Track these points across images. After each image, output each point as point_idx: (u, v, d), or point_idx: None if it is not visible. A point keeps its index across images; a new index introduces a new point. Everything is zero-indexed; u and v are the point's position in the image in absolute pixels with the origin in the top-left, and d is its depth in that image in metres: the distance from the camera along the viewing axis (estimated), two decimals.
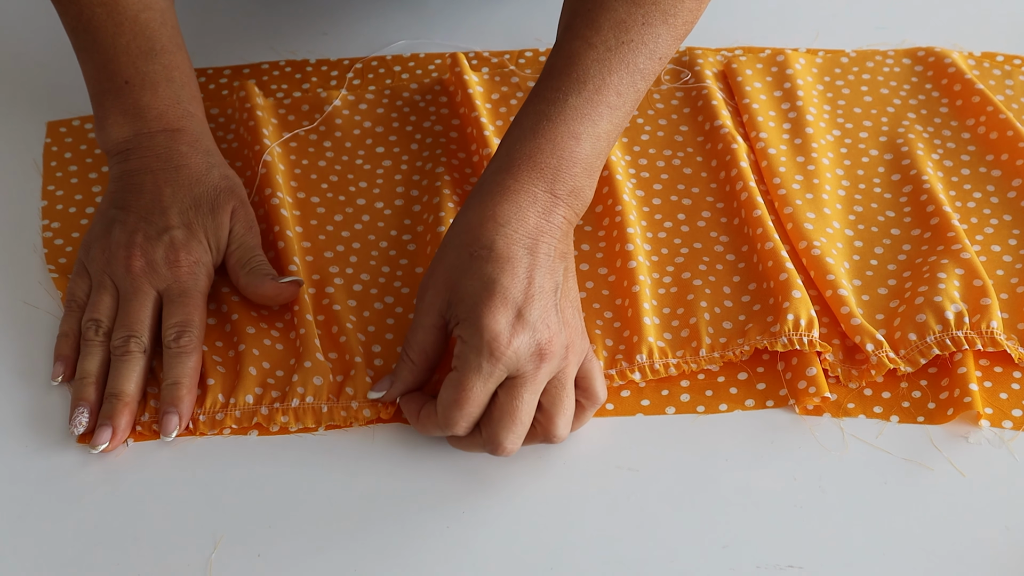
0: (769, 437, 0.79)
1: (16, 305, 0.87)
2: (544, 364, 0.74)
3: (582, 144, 0.78)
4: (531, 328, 0.74)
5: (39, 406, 0.81)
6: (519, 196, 0.77)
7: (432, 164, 0.94)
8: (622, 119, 0.80)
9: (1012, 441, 0.79)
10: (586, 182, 0.79)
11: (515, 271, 0.75)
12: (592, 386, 0.78)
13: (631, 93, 0.80)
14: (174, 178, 0.85)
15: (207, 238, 0.84)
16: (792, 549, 0.74)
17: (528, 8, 1.08)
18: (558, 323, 0.75)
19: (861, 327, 0.82)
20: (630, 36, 0.79)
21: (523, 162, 0.78)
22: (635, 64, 0.79)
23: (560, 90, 0.79)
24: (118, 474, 0.78)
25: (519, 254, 0.76)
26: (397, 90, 1.00)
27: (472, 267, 0.76)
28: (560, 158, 0.78)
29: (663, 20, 0.79)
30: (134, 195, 0.84)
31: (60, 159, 0.96)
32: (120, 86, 0.86)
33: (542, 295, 0.75)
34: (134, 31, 0.86)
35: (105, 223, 0.84)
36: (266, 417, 0.80)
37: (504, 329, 0.74)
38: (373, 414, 0.80)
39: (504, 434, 0.75)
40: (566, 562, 0.74)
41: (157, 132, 0.86)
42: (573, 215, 0.79)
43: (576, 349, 0.77)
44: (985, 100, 0.96)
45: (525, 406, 0.75)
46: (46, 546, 0.75)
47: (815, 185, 0.91)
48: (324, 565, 0.74)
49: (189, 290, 0.82)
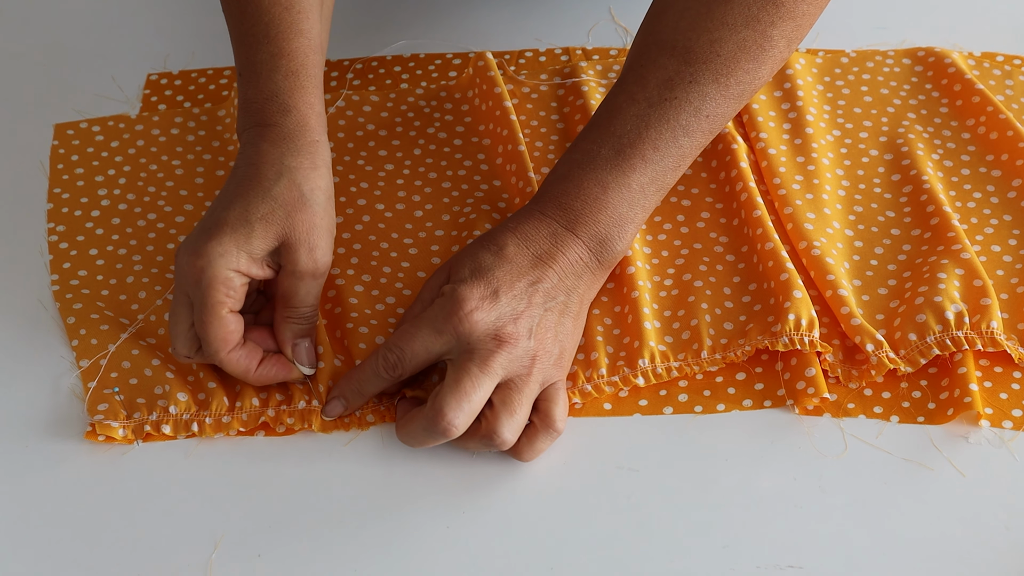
0: (769, 437, 0.79)
1: (19, 307, 0.87)
2: (501, 351, 0.75)
3: (609, 193, 0.79)
4: (498, 313, 0.75)
5: (40, 406, 0.81)
6: (541, 224, 0.79)
7: (436, 172, 0.94)
8: (660, 174, 0.80)
9: (1012, 441, 0.79)
10: (614, 232, 0.80)
11: (512, 271, 0.77)
12: (550, 408, 0.77)
13: (672, 149, 0.80)
14: (239, 179, 0.80)
15: (237, 244, 0.77)
16: (792, 549, 0.74)
17: (528, 8, 1.08)
18: (533, 330, 0.76)
19: (861, 327, 0.82)
20: (674, 93, 0.80)
21: (550, 200, 0.80)
22: (677, 120, 0.80)
23: (596, 141, 0.80)
24: (118, 474, 0.78)
25: (523, 261, 0.78)
26: (402, 94, 1.00)
27: (477, 255, 0.78)
28: (584, 202, 0.79)
29: (714, 80, 0.80)
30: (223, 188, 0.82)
31: (67, 162, 0.96)
32: (238, 77, 0.84)
33: (527, 299, 0.77)
34: (255, 16, 0.83)
35: None
36: (273, 419, 0.80)
37: (472, 298, 0.75)
38: (377, 417, 0.80)
39: (444, 402, 0.74)
40: (566, 562, 0.74)
41: (251, 128, 0.82)
42: (594, 261, 0.80)
43: (542, 365, 0.77)
44: (985, 100, 0.96)
45: (472, 382, 0.74)
46: (46, 546, 0.75)
47: (815, 185, 0.91)
48: (324, 565, 0.74)
49: (197, 301, 0.77)
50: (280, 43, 0.82)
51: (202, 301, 0.77)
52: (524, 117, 0.97)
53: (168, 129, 0.98)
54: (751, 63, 0.80)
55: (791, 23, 0.80)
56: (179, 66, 1.04)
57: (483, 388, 0.75)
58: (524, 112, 0.98)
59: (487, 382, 0.75)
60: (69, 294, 0.87)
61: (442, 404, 0.74)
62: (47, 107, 1.00)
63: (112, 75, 1.03)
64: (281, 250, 0.79)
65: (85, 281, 0.88)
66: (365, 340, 0.83)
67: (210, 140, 0.97)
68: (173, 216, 0.92)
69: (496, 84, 0.96)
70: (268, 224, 0.78)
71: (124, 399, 0.80)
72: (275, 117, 0.81)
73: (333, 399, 0.79)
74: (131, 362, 0.82)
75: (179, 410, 0.80)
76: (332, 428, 0.80)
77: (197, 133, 0.98)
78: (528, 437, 0.77)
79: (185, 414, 0.80)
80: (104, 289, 0.87)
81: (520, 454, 0.77)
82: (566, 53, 1.04)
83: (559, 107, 0.98)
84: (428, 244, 0.90)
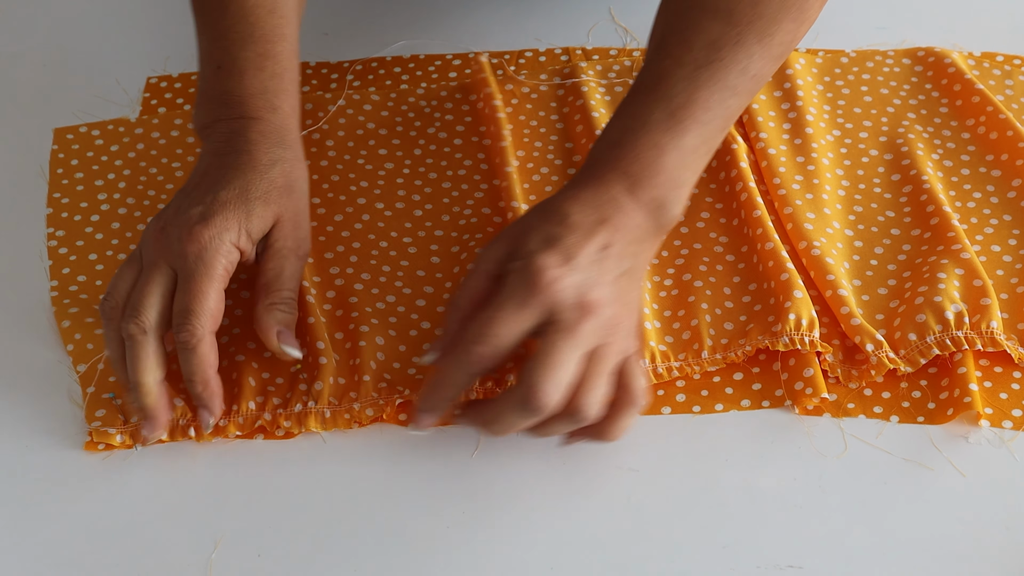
0: (769, 437, 0.79)
1: (19, 310, 0.87)
2: (586, 320, 0.73)
3: (666, 155, 0.78)
4: (580, 280, 0.74)
5: (40, 407, 0.81)
6: (599, 191, 0.78)
7: (436, 172, 0.94)
8: (711, 135, 0.80)
9: (1012, 441, 0.79)
10: (671, 194, 0.79)
11: (581, 238, 0.75)
12: (631, 382, 0.76)
13: (721, 110, 0.80)
14: (231, 162, 0.81)
15: (239, 220, 0.79)
16: (792, 549, 0.74)
17: (528, 8, 1.08)
18: (611, 295, 0.75)
19: (861, 327, 0.82)
20: (721, 55, 0.79)
21: (605, 165, 0.78)
22: (726, 81, 0.79)
23: (646, 104, 0.79)
24: (118, 474, 0.78)
25: (589, 229, 0.76)
26: (403, 94, 1.00)
27: (541, 227, 0.76)
28: (642, 166, 0.78)
29: (758, 40, 0.80)
30: (196, 175, 0.82)
31: (67, 166, 0.96)
32: (214, 71, 0.85)
33: (601, 266, 0.75)
34: (239, 15, 0.85)
35: (169, 204, 0.82)
36: (270, 422, 0.80)
37: (552, 266, 0.73)
38: (376, 413, 0.80)
39: (539, 378, 0.72)
40: (566, 562, 0.74)
41: (234, 119, 0.83)
42: (654, 225, 0.79)
43: (623, 333, 0.75)
44: (985, 100, 0.96)
45: (562, 355, 0.73)
46: (46, 546, 0.75)
47: (815, 185, 0.91)
48: (324, 565, 0.74)
49: (195, 272, 0.76)
50: (266, 45, 0.85)
51: (204, 273, 0.77)
52: (524, 117, 0.97)
53: (168, 131, 0.98)
54: (792, 23, 0.80)
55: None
56: (179, 68, 1.04)
57: (573, 359, 0.73)
58: (524, 112, 0.98)
59: (576, 353, 0.73)
60: (67, 299, 0.86)
61: (535, 381, 0.72)
62: (47, 110, 1.00)
63: (112, 77, 1.03)
64: (272, 230, 0.80)
65: (84, 286, 0.87)
66: (365, 339, 0.83)
67: None
68: None
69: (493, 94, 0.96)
70: (266, 204, 0.80)
71: (121, 404, 0.80)
72: (262, 112, 0.83)
73: (423, 412, 0.76)
74: None
75: (175, 415, 0.80)
76: (331, 427, 0.80)
77: None
78: (612, 415, 0.76)
79: (182, 419, 0.80)
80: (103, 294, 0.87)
81: (606, 434, 0.76)
82: (566, 53, 1.04)
83: (559, 107, 0.98)
84: (427, 243, 0.90)
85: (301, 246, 0.82)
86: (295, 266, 0.81)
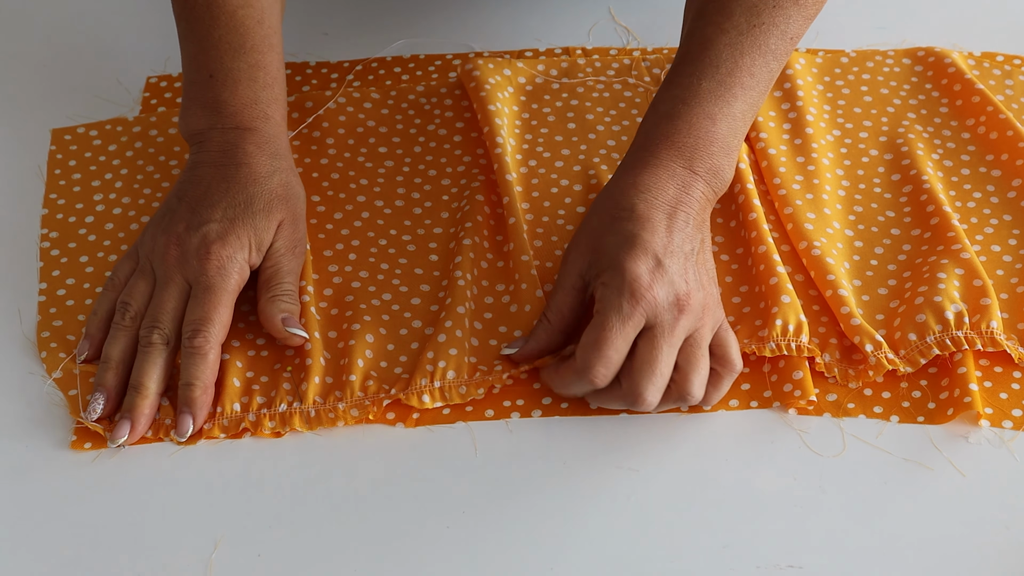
0: (769, 437, 0.79)
1: (16, 309, 0.87)
2: (682, 317, 0.76)
3: (718, 124, 0.80)
4: (671, 279, 0.76)
5: (39, 407, 0.81)
6: (658, 169, 0.80)
7: (436, 170, 0.94)
8: (756, 99, 0.82)
9: (1012, 441, 0.79)
10: (724, 161, 0.81)
11: (655, 228, 0.78)
12: (728, 353, 0.79)
13: (764, 74, 0.82)
14: (232, 175, 0.84)
15: (249, 237, 0.83)
16: (792, 549, 0.74)
17: (528, 8, 1.08)
18: (696, 281, 0.78)
19: (861, 328, 0.82)
20: (761, 19, 0.81)
21: (661, 141, 0.80)
22: (767, 45, 0.81)
23: (694, 75, 0.81)
24: (118, 474, 0.78)
25: (658, 216, 0.78)
26: (403, 92, 1.00)
27: (613, 226, 0.79)
28: (697, 138, 0.80)
29: (793, 2, 0.82)
30: (193, 186, 0.85)
31: (64, 167, 0.96)
32: (205, 79, 0.87)
33: (680, 252, 0.78)
34: (229, 26, 0.87)
35: (164, 211, 0.85)
36: (253, 424, 0.80)
37: (645, 273, 0.76)
38: (362, 414, 0.80)
39: (644, 383, 0.76)
40: (566, 562, 0.74)
41: (229, 128, 0.86)
42: (712, 193, 0.81)
43: (712, 312, 0.78)
44: (985, 100, 0.96)
45: (664, 356, 0.76)
46: (46, 546, 0.75)
47: (815, 185, 0.91)
48: (324, 565, 0.74)
49: (214, 286, 0.81)
50: (257, 56, 0.87)
51: (221, 287, 0.81)
52: (517, 108, 0.97)
53: (166, 130, 0.98)
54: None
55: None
56: (179, 68, 1.04)
57: (672, 356, 0.77)
58: (516, 103, 0.97)
59: (675, 350, 0.77)
60: (53, 308, 0.86)
61: (639, 387, 0.76)
62: (46, 110, 1.00)
63: (112, 77, 1.03)
64: (276, 233, 0.84)
65: (72, 290, 0.87)
66: (356, 337, 0.83)
67: None
68: None
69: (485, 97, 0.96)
70: (268, 215, 0.84)
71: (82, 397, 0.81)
72: (256, 122, 0.86)
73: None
74: None
75: (160, 416, 0.80)
76: (316, 426, 0.80)
77: None
78: (713, 384, 0.79)
79: (167, 419, 0.80)
80: (89, 298, 0.87)
81: (705, 402, 0.79)
82: (566, 53, 1.04)
83: (552, 100, 0.98)
84: (426, 241, 0.89)
85: (298, 245, 0.85)
86: (293, 263, 0.85)
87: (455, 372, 0.80)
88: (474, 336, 0.83)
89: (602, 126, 0.96)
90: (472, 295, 0.84)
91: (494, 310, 0.84)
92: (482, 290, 0.85)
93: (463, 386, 0.80)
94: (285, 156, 0.87)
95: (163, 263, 0.82)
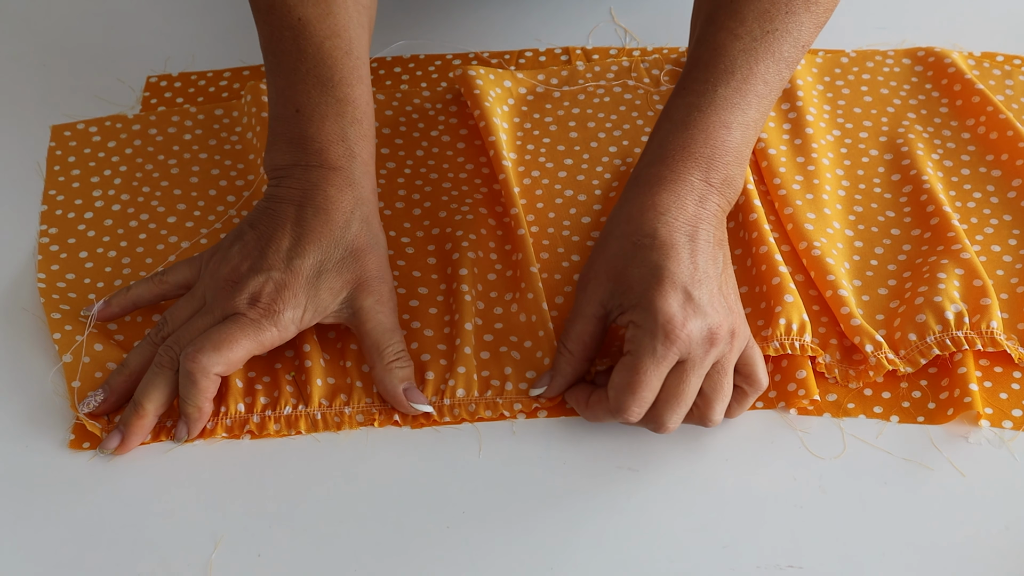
0: (769, 437, 0.79)
1: (15, 309, 0.87)
2: (713, 348, 0.75)
3: (733, 133, 0.80)
4: (702, 312, 0.75)
5: (39, 408, 0.81)
6: (676, 185, 0.79)
7: (437, 174, 0.94)
8: (768, 107, 0.82)
9: (1012, 441, 0.79)
10: (737, 171, 0.80)
11: (679, 257, 0.76)
12: (754, 372, 0.78)
13: (776, 81, 0.81)
14: (309, 219, 0.81)
15: (308, 297, 0.79)
16: (792, 549, 0.74)
17: (528, 8, 1.08)
18: (724, 308, 0.77)
19: (861, 328, 0.82)
20: (774, 25, 0.80)
21: (677, 152, 0.79)
22: (780, 52, 0.81)
23: (708, 82, 0.80)
24: (118, 474, 0.78)
25: (681, 241, 0.77)
26: (408, 95, 1.00)
27: (636, 255, 0.77)
28: (713, 147, 0.79)
29: (805, 7, 0.81)
30: (268, 221, 0.82)
31: (63, 163, 0.96)
32: (291, 113, 0.83)
33: (707, 280, 0.77)
34: (317, 59, 0.83)
35: (234, 237, 0.82)
36: (258, 425, 0.80)
37: (678, 312, 0.75)
38: (367, 420, 0.80)
39: (669, 415, 0.76)
40: (566, 562, 0.74)
41: (314, 167, 0.82)
42: (726, 203, 0.80)
43: (739, 335, 0.77)
44: (985, 100, 0.96)
45: (691, 389, 0.76)
46: (46, 546, 0.75)
47: (815, 185, 0.91)
48: (324, 565, 0.74)
49: (243, 327, 0.78)
50: (345, 89, 0.83)
51: (252, 336, 0.78)
52: (519, 119, 0.97)
53: (165, 128, 0.98)
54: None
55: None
56: (179, 68, 1.04)
57: (698, 386, 0.76)
58: (518, 114, 0.97)
59: (701, 380, 0.76)
60: (55, 295, 0.86)
61: (663, 417, 0.76)
62: (46, 108, 1.00)
63: (112, 77, 1.03)
64: (356, 292, 0.81)
65: (72, 284, 0.87)
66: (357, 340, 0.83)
67: (207, 139, 0.97)
68: (165, 216, 0.92)
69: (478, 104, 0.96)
70: (340, 273, 0.80)
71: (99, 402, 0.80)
72: (341, 161, 0.82)
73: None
74: (116, 365, 0.82)
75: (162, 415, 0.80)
76: (321, 429, 0.80)
77: (194, 132, 0.98)
78: (737, 401, 0.79)
79: (168, 420, 0.80)
80: (91, 293, 0.87)
81: (730, 415, 0.79)
82: (566, 53, 1.04)
83: (553, 109, 0.98)
84: (425, 244, 0.89)
85: (390, 298, 0.82)
86: (391, 319, 0.81)
87: (464, 390, 0.81)
88: (484, 349, 0.83)
89: (604, 133, 0.96)
90: (478, 310, 0.84)
91: (504, 320, 0.84)
92: (490, 302, 0.85)
93: (472, 404, 0.81)
94: (369, 201, 0.83)
95: (214, 296, 0.80)
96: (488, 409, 0.80)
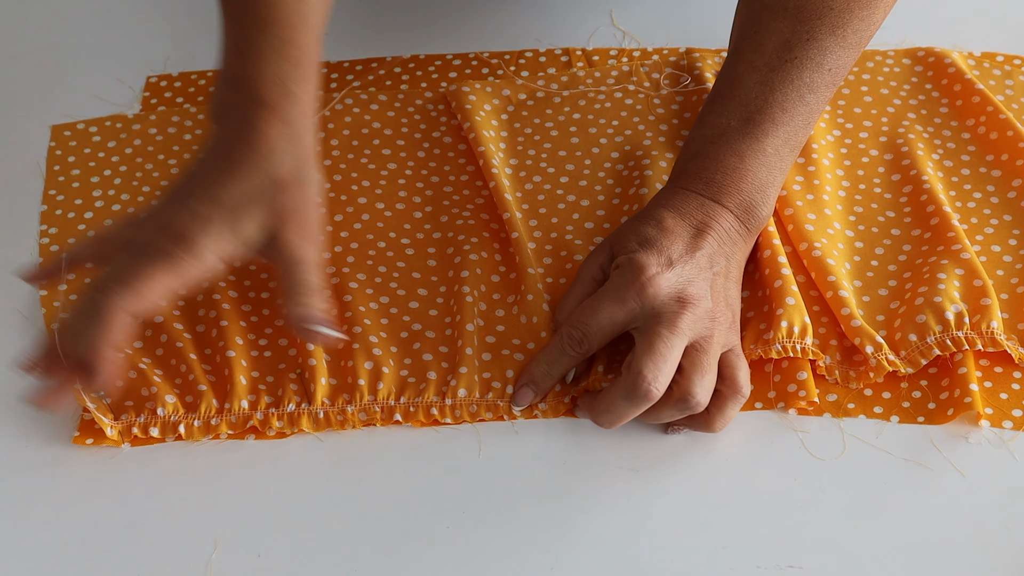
0: (769, 437, 0.79)
1: (14, 308, 0.87)
2: (685, 311, 0.76)
3: (746, 161, 0.81)
4: (676, 275, 0.77)
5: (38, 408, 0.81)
6: (689, 196, 0.81)
7: (439, 176, 0.94)
8: (792, 133, 0.82)
9: (1012, 441, 0.79)
10: (758, 198, 0.82)
11: (676, 239, 0.79)
12: (735, 375, 0.78)
13: (799, 107, 0.82)
14: (239, 156, 0.78)
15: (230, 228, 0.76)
16: (792, 549, 0.74)
17: (528, 8, 1.08)
18: (707, 291, 0.78)
19: (861, 329, 0.82)
20: (793, 53, 0.82)
21: (689, 176, 0.82)
22: (800, 79, 0.82)
23: (722, 114, 0.83)
24: (118, 475, 0.78)
25: (683, 231, 0.80)
26: (410, 95, 1.00)
27: (638, 229, 0.81)
28: (724, 174, 0.81)
29: (830, 33, 0.81)
30: (201, 161, 0.80)
31: (63, 163, 0.96)
32: (233, 55, 0.81)
33: (697, 264, 0.79)
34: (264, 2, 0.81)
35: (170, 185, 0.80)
36: (261, 422, 0.80)
37: (650, 265, 0.77)
38: (369, 418, 0.80)
39: (643, 365, 0.75)
40: (566, 562, 0.74)
41: (248, 104, 0.79)
42: (743, 228, 0.82)
43: (722, 328, 0.78)
44: (985, 100, 0.96)
45: (664, 343, 0.75)
46: (46, 546, 0.75)
47: (815, 186, 0.91)
48: (324, 565, 0.74)
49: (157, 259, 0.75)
50: (288, 30, 0.81)
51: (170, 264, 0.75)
52: (519, 125, 0.97)
53: (165, 128, 0.98)
54: (864, 10, 0.82)
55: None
56: (179, 68, 1.04)
57: (675, 349, 0.76)
58: (519, 119, 0.97)
59: (678, 343, 0.76)
60: (56, 302, 0.86)
61: (640, 368, 0.75)
62: (46, 108, 1.00)
63: (112, 77, 1.03)
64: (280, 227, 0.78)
65: (72, 285, 0.87)
66: (358, 340, 0.83)
67: None
68: None
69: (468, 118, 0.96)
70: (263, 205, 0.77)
71: (111, 402, 0.80)
72: (278, 100, 0.80)
73: (522, 387, 0.80)
74: None
75: (167, 412, 0.80)
76: (324, 428, 0.80)
77: (194, 132, 0.98)
78: (717, 406, 0.78)
79: (173, 416, 0.80)
80: None
81: (711, 424, 0.78)
82: (566, 54, 1.04)
83: (554, 114, 0.98)
84: (425, 246, 0.89)
85: (315, 234, 0.79)
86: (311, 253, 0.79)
87: (466, 391, 0.81)
88: (486, 351, 0.83)
89: (605, 139, 0.96)
90: (480, 311, 0.84)
91: (506, 322, 0.84)
92: (492, 304, 0.85)
93: (473, 404, 0.81)
94: (303, 141, 0.80)
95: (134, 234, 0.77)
96: (489, 411, 0.80)
